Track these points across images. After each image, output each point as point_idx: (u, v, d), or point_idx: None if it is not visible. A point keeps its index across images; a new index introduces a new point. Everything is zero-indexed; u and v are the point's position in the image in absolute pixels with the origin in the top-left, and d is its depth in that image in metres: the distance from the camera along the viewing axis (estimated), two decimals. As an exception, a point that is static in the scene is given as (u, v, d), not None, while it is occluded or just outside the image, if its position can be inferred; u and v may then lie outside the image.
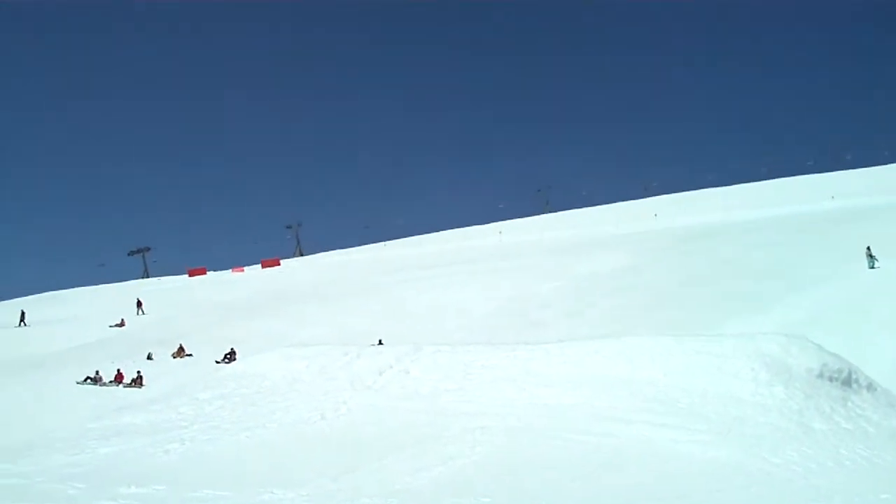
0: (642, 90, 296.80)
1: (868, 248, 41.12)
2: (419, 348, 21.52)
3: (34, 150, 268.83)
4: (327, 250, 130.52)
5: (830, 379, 16.56)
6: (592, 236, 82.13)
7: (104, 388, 37.32)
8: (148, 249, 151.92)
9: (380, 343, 32.36)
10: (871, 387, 16.82)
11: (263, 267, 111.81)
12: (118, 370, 38.69)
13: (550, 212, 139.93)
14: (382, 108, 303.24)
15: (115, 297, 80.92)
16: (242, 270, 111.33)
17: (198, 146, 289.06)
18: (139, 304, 66.12)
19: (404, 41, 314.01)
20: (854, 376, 16.90)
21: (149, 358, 42.87)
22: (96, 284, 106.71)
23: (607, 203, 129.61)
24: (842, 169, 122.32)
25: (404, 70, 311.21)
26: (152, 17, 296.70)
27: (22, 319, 64.19)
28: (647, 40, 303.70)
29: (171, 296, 79.21)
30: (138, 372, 38.16)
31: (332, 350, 23.31)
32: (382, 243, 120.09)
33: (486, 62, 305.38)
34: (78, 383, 37.99)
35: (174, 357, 43.43)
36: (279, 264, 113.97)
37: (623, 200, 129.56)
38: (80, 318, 66.61)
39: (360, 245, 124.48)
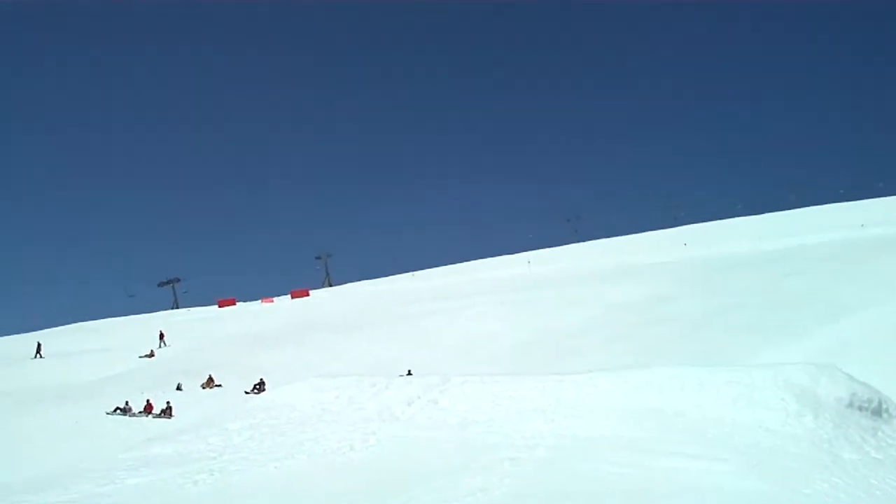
0: (670, 119, 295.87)
1: (899, 277, 40.97)
2: (447, 379, 21.54)
3: (63, 180, 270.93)
4: (356, 281, 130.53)
5: (860, 408, 16.50)
6: (621, 266, 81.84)
7: (133, 418, 37.52)
8: (178, 280, 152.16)
9: (408, 374, 32.36)
10: (901, 416, 16.74)
11: (293, 297, 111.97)
12: (147, 401, 38.88)
13: (579, 241, 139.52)
14: (409, 138, 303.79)
15: (144, 327, 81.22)
16: (272, 301, 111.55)
17: (227, 176, 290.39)
18: (161, 336, 66.46)
19: (431, 71, 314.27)
20: (884, 406, 16.84)
21: (178, 388, 43.05)
22: (126, 315, 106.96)
23: (636, 232, 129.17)
24: (873, 197, 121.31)
25: (429, 99, 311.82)
26: (177, 43, 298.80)
27: (38, 351, 64.54)
28: (673, 67, 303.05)
29: (200, 326, 79.42)
30: (167, 402, 38.34)
31: (360, 381, 23.34)
32: (411, 273, 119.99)
33: (514, 90, 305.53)
34: (107, 414, 38.20)
35: (203, 388, 43.60)
36: (308, 295, 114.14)
37: (652, 230, 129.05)
38: (110, 348, 66.87)
39: (388, 275, 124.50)
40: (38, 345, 65.32)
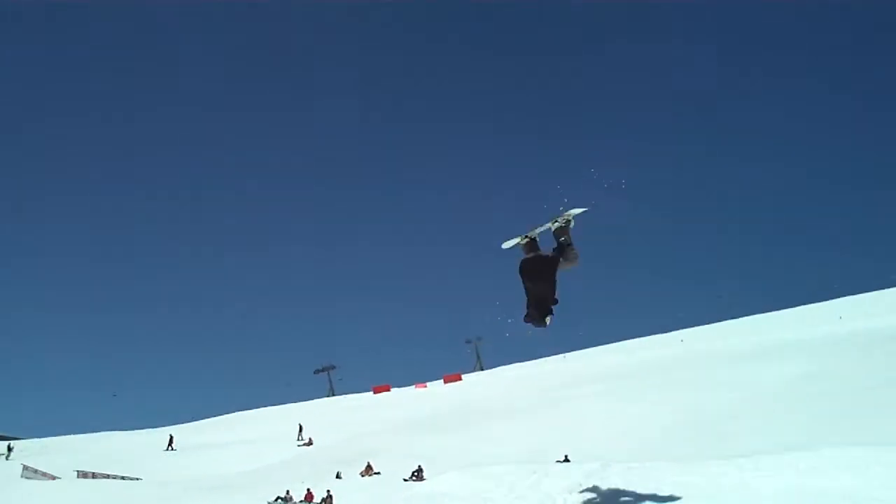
0: (818, 189, 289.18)
1: None
2: (607, 465, 21.51)
3: (209, 268, 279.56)
4: (507, 363, 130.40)
5: None
6: (774, 342, 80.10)
7: (296, 507, 38.31)
8: (333, 367, 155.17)
9: (566, 459, 32.41)
10: None
11: (445, 382, 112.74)
12: (308, 489, 39.65)
13: (731, 318, 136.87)
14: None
15: (301, 416, 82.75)
16: (425, 386, 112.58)
17: (379, 263, 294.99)
18: (300, 430, 67.97)
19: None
20: None
21: (337, 477, 43.82)
22: (283, 403, 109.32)
23: (789, 307, 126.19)
24: None
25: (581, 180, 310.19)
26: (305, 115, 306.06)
27: (170, 443, 67.05)
28: (813, 134, 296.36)
29: (357, 413, 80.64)
30: (328, 491, 39.02)
31: (519, 468, 23.44)
32: (562, 355, 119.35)
33: (668, 165, 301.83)
34: (269, 503, 39.04)
35: (362, 475, 44.27)
36: (461, 379, 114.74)
37: (804, 304, 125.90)
38: (267, 437, 68.46)
39: (539, 357, 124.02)
40: (171, 437, 68.25)
